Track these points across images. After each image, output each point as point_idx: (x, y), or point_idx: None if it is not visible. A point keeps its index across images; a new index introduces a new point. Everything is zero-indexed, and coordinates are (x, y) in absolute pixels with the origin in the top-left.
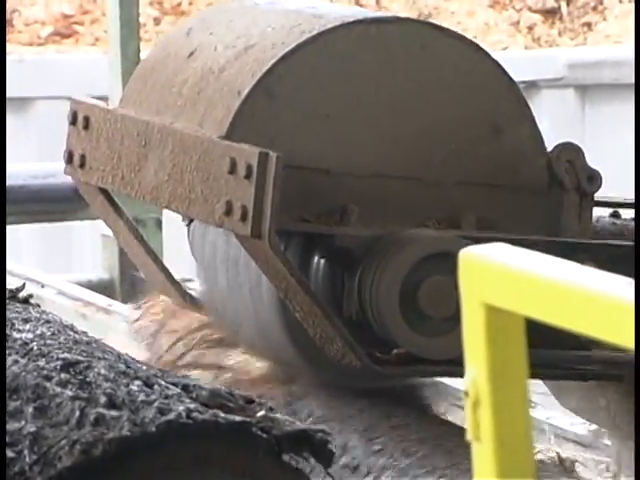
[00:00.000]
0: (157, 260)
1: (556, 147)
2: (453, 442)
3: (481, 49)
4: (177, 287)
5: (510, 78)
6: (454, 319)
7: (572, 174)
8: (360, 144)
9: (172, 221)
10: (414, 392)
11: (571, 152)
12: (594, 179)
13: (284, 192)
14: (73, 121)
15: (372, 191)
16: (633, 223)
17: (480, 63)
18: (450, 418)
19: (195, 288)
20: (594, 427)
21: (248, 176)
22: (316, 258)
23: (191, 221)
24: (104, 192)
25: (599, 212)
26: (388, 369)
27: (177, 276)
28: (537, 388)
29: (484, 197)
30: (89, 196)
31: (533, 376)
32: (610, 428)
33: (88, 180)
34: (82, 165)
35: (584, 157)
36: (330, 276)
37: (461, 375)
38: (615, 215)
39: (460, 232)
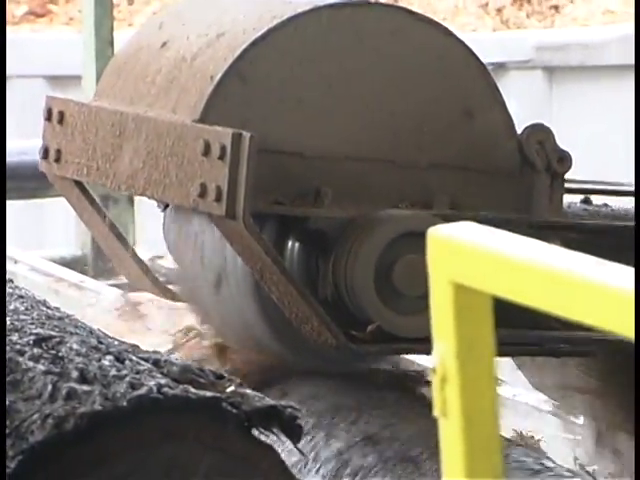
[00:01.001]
0: (134, 254)
1: (526, 129)
2: None
3: (452, 34)
4: (154, 280)
5: (481, 63)
6: (428, 297)
7: (543, 155)
8: (333, 127)
9: (144, 199)
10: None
11: (541, 133)
12: (564, 160)
13: (258, 176)
14: (48, 117)
15: (345, 173)
16: (604, 209)
17: (451, 47)
18: None
19: (167, 268)
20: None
21: (222, 157)
22: (291, 241)
23: (166, 207)
24: (79, 185)
25: (570, 198)
26: (363, 347)
27: (149, 253)
28: (503, 366)
29: (456, 179)
30: (65, 191)
31: (505, 354)
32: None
33: (64, 174)
34: (57, 160)
35: (554, 138)
36: (305, 258)
37: None
38: (586, 201)
39: (433, 211)
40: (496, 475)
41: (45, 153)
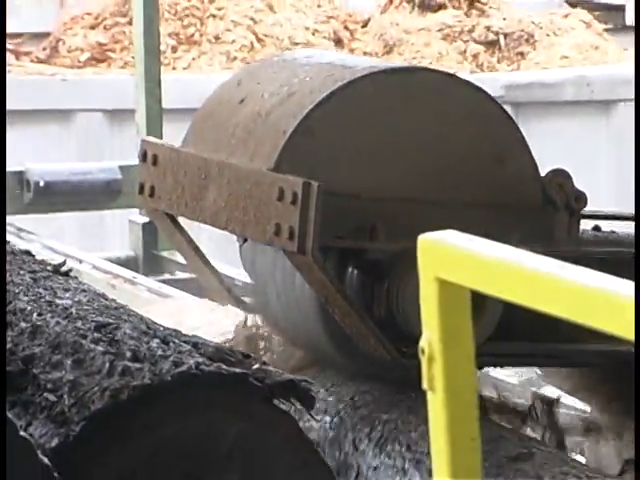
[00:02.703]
0: (214, 270)
1: (549, 173)
2: None
3: (485, 92)
4: (231, 293)
5: (509, 116)
6: None
7: (562, 195)
8: (385, 173)
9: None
10: None
11: (561, 177)
12: (581, 199)
13: (323, 215)
14: (143, 158)
15: (396, 212)
16: (612, 235)
17: (484, 104)
18: None
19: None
20: (524, 378)
21: (294, 202)
22: (350, 269)
23: (245, 241)
24: (170, 217)
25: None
26: (413, 361)
27: None
28: None
29: (489, 216)
30: (157, 220)
31: (533, 364)
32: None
33: (157, 207)
34: (151, 195)
35: (572, 181)
36: (362, 283)
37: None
38: (596, 228)
39: None
40: (474, 439)
41: (141, 189)
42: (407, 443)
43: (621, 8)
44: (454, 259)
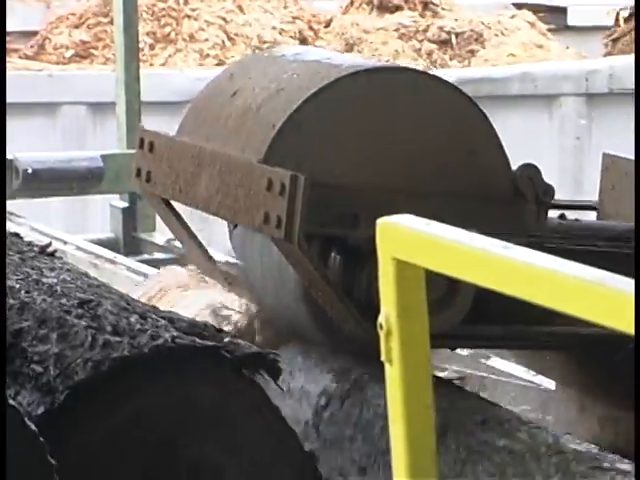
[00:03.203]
0: (205, 251)
1: (520, 167)
2: None
3: (460, 90)
4: (218, 269)
5: (483, 113)
6: (442, 301)
7: (532, 188)
8: (367, 165)
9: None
10: None
11: (531, 171)
12: (548, 192)
13: (308, 204)
14: (141, 145)
15: (376, 201)
16: (576, 223)
17: (459, 101)
18: None
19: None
20: (474, 351)
21: (282, 193)
22: (333, 255)
23: (235, 226)
24: (165, 201)
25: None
26: None
27: (166, 237)
28: None
29: (463, 206)
30: (153, 203)
31: (506, 347)
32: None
33: (152, 191)
34: (148, 180)
35: (541, 175)
36: (344, 268)
37: (446, 346)
38: (562, 217)
39: None
40: (428, 406)
41: (138, 173)
42: None
43: (563, 10)
44: (409, 241)
